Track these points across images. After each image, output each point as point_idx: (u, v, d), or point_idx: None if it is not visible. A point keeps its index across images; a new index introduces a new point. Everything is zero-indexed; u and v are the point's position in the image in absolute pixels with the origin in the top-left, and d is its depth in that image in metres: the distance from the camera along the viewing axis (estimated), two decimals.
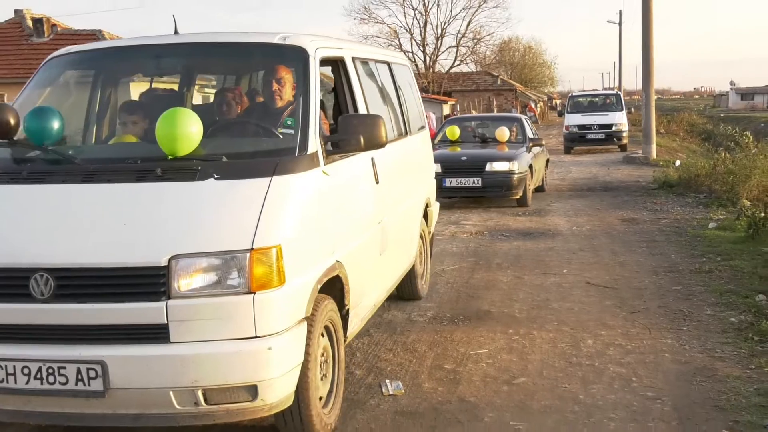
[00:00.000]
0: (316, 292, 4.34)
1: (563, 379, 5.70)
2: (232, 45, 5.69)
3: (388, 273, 6.49)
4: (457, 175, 14.29)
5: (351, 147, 4.91)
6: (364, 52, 6.90)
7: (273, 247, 3.89)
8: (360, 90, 5.99)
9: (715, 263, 9.41)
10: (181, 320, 3.76)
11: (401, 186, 6.94)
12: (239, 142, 5.08)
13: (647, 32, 23.53)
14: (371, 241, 5.74)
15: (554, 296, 8.13)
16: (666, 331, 6.79)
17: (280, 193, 4.16)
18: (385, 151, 5.79)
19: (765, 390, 5.32)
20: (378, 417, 5.08)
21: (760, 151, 16.90)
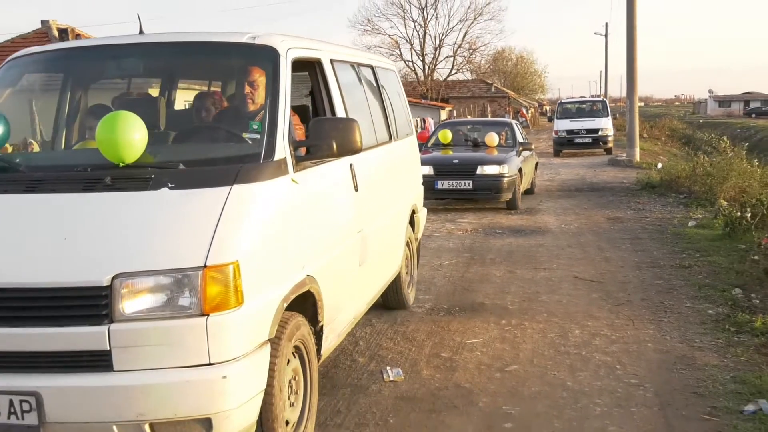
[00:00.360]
0: (283, 311, 3.80)
1: (552, 366, 5.70)
2: (198, 45, 4.96)
3: (369, 284, 5.83)
4: (448, 178, 13.77)
5: (323, 153, 4.33)
6: (345, 55, 6.14)
7: (229, 264, 3.34)
8: (338, 94, 5.33)
9: (695, 259, 9.41)
10: (125, 346, 3.23)
11: (385, 193, 6.33)
12: (200, 149, 4.50)
13: (631, 44, 23.56)
14: (349, 253, 5.12)
15: (544, 289, 8.13)
16: (648, 322, 6.79)
17: (240, 204, 3.63)
18: (367, 157, 5.46)
19: (741, 378, 5.32)
20: (379, 402, 5.08)
21: (736, 154, 16.90)
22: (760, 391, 5.04)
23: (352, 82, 6.07)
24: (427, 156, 14.00)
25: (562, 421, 4.73)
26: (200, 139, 4.71)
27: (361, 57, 6.80)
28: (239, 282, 3.38)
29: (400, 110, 7.63)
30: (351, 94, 5.78)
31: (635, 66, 23.84)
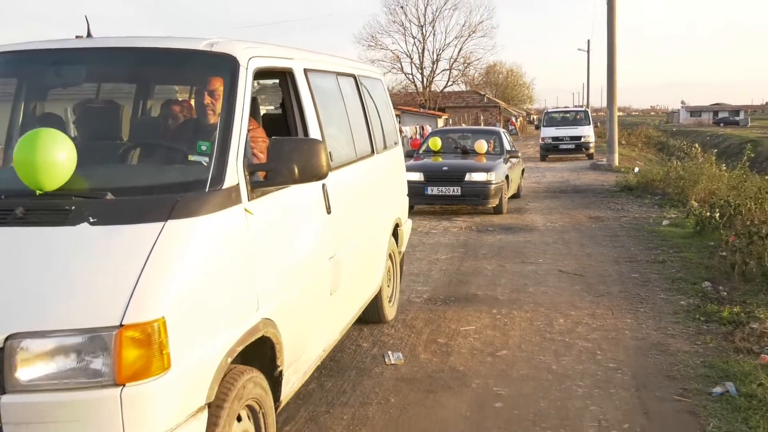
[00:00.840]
0: (227, 366, 2.96)
1: (538, 351, 5.71)
2: (151, 51, 3.89)
3: (344, 311, 4.98)
4: (438, 184, 13.09)
5: (282, 179, 3.42)
6: (323, 64, 5.16)
7: (153, 322, 2.52)
8: (312, 107, 4.42)
9: (668, 255, 9.41)
10: (19, 422, 2.46)
11: (364, 210, 5.47)
12: (138, 173, 3.60)
13: (611, 59, 23.52)
14: (319, 282, 4.23)
15: (531, 282, 8.12)
16: (626, 312, 6.79)
17: (174, 244, 2.78)
18: (344, 174, 4.78)
19: (710, 362, 5.32)
20: (381, 383, 5.09)
21: (705, 160, 16.91)
22: (727, 374, 5.04)
23: (329, 94, 5.21)
24: (417, 162, 13.91)
25: (547, 401, 4.73)
26: (143, 161, 3.74)
27: (342, 66, 5.75)
28: (165, 342, 2.57)
29: (385, 121, 6.77)
30: (327, 106, 4.96)
31: (614, 79, 23.82)
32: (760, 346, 5.60)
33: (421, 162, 13.97)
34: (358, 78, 5.96)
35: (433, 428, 4.34)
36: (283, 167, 3.40)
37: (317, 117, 4.46)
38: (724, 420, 4.36)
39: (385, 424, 4.42)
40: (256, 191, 3.40)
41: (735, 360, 5.31)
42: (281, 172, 3.41)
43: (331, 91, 5.29)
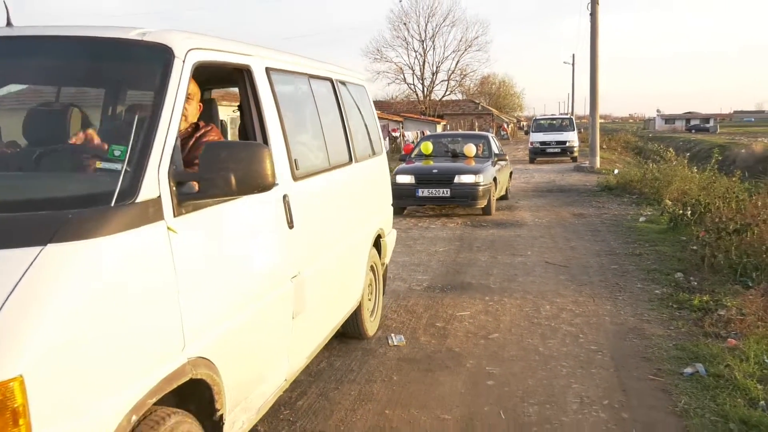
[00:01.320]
0: (130, 428, 2.15)
1: (527, 335, 5.70)
2: (71, 41, 2.99)
3: (311, 335, 4.07)
4: (428, 186, 12.41)
5: (216, 190, 2.60)
6: (290, 64, 4.21)
7: (6, 383, 1.77)
8: (274, 111, 3.60)
9: (644, 248, 9.39)
10: None
11: (341, 222, 4.67)
12: (28, 184, 2.65)
13: (594, 71, 23.48)
14: (276, 307, 3.37)
15: (520, 272, 8.12)
16: (606, 299, 6.79)
17: (50, 276, 1.98)
18: (313, 184, 3.98)
19: (681, 345, 5.32)
20: (385, 362, 5.09)
21: (678, 163, 16.92)
22: (697, 356, 5.04)
23: (298, 97, 4.45)
24: (409, 166, 13.37)
25: (534, 379, 4.73)
26: (42, 169, 2.75)
27: (316, 68, 4.75)
28: (23, 410, 1.80)
29: (368, 129, 5.94)
30: (295, 110, 4.27)
31: (597, 89, 23.79)
32: (727, 331, 5.60)
33: (412, 165, 13.41)
34: (336, 82, 5.10)
35: (432, 403, 4.34)
36: (218, 177, 2.56)
37: (280, 122, 3.64)
38: (694, 397, 4.36)
39: (388, 399, 4.42)
40: (186, 205, 2.56)
41: (704, 343, 5.31)
42: (215, 183, 2.57)
43: (300, 94, 4.48)
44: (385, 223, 6.13)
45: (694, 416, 4.10)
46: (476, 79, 68.43)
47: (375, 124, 6.26)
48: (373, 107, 6.40)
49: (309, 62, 4.63)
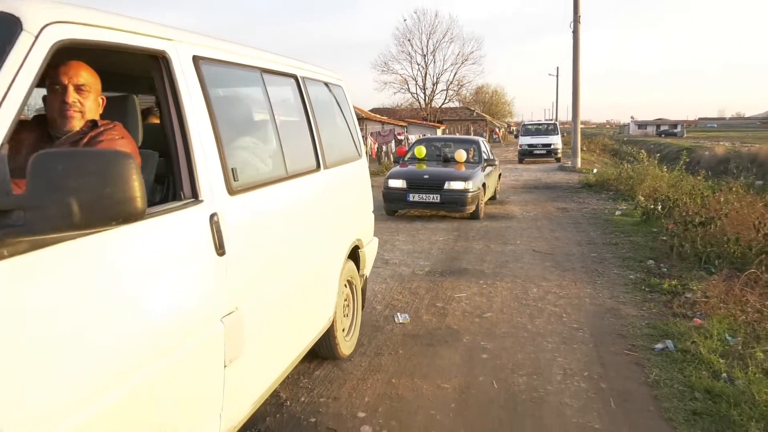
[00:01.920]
0: None
1: (516, 314, 5.69)
2: None
3: (258, 377, 2.99)
4: (419, 191, 11.32)
5: (47, 225, 1.55)
6: (234, 54, 3.03)
7: None
8: (203, 109, 2.55)
9: (620, 238, 9.35)
10: None
11: (302, 239, 3.52)
12: None
13: (575, 82, 23.35)
14: (195, 358, 2.33)
15: (511, 259, 8.09)
16: (586, 283, 6.76)
17: None
18: (262, 196, 2.96)
19: (653, 324, 5.29)
20: (392, 338, 5.08)
21: (650, 163, 16.85)
22: (666, 334, 5.01)
23: (244, 94, 3.48)
24: (402, 170, 12.23)
25: (523, 353, 4.71)
26: None
27: (274, 62, 3.56)
28: None
29: (344, 132, 4.89)
30: (239, 110, 3.33)
31: (578, 98, 23.67)
32: (693, 311, 5.57)
33: (405, 170, 12.24)
34: (302, 80, 3.98)
35: (433, 374, 4.34)
36: (50, 203, 1.55)
37: (212, 124, 2.57)
38: (664, 370, 4.34)
39: (395, 370, 4.42)
40: (11, 244, 1.54)
41: (673, 323, 5.28)
42: (45, 213, 1.55)
43: (248, 91, 3.47)
44: (363, 232, 4.99)
45: (663, 386, 4.08)
46: (472, 89, 68.20)
47: (353, 127, 5.14)
48: (351, 109, 5.20)
49: (263, 55, 3.44)
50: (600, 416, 3.71)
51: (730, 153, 29.04)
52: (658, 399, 3.92)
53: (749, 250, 6.99)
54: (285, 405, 3.86)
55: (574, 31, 22.90)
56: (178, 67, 2.44)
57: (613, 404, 3.86)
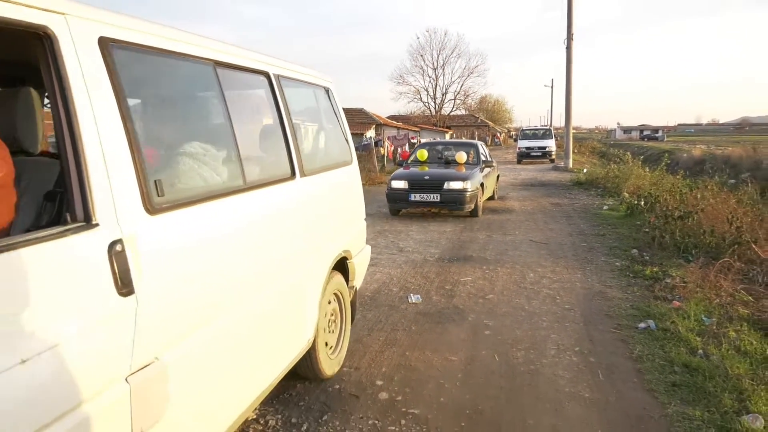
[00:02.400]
0: None
1: (515, 296, 5.64)
2: None
3: None
4: (420, 191, 10.57)
5: None
6: (171, 42, 2.13)
7: None
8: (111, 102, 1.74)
9: (607, 230, 9.24)
10: None
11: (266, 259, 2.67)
12: None
13: (568, 92, 23.09)
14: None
15: (510, 248, 8.03)
16: (577, 270, 6.69)
17: None
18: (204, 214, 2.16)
19: (636, 306, 5.23)
20: (406, 315, 5.08)
21: (634, 164, 16.64)
22: (649, 315, 4.95)
23: (184, 89, 2.50)
24: (404, 172, 11.35)
25: (521, 330, 4.68)
26: None
27: (233, 55, 2.68)
28: None
29: (329, 136, 4.01)
30: (175, 107, 2.41)
31: (570, 106, 23.39)
32: (672, 295, 5.49)
33: (407, 171, 11.40)
34: (275, 78, 3.13)
35: (442, 347, 4.32)
36: None
37: (124, 124, 1.80)
38: (646, 346, 4.29)
39: (408, 344, 4.41)
40: None
41: (655, 304, 5.21)
42: None
43: (192, 87, 2.54)
44: (353, 242, 4.08)
45: (646, 360, 4.03)
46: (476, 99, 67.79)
47: (343, 130, 4.20)
48: (340, 111, 4.22)
49: (217, 46, 2.54)
50: (589, 386, 3.67)
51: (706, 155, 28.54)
52: (641, 372, 3.87)
53: (723, 241, 6.89)
54: None
55: (567, 47, 22.62)
56: (68, 49, 1.65)
57: (601, 376, 3.82)
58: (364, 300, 5.51)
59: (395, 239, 8.68)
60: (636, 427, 3.18)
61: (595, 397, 3.53)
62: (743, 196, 9.40)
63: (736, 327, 4.50)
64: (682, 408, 3.36)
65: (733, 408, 3.31)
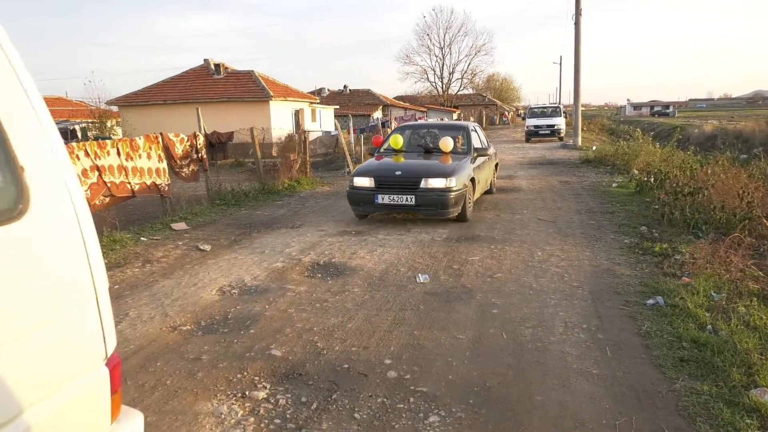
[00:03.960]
0: None
1: (523, 274, 5.64)
2: None
3: None
4: (390, 192, 7.92)
5: None
6: None
7: None
8: None
9: (616, 207, 9.18)
10: None
11: None
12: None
13: (577, 68, 22.78)
14: None
15: (518, 226, 8.00)
16: (585, 247, 6.67)
17: None
18: None
19: (645, 282, 5.21)
20: (414, 295, 5.09)
21: (644, 140, 16.47)
22: (657, 291, 4.93)
23: None
24: (369, 166, 8.62)
25: (529, 308, 4.69)
26: None
27: None
28: None
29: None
30: None
31: (579, 83, 23.12)
32: (681, 271, 5.47)
33: (374, 164, 8.67)
34: None
35: (450, 326, 4.34)
36: None
37: None
38: (654, 322, 4.28)
39: (416, 323, 4.43)
40: None
41: (663, 281, 5.19)
42: None
43: None
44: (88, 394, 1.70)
45: (654, 337, 4.03)
46: (483, 78, 67.21)
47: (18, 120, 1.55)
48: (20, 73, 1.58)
49: None
50: (597, 363, 3.68)
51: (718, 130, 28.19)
52: (649, 348, 3.87)
53: (733, 217, 6.82)
54: (322, 353, 3.91)
55: (576, 23, 22.29)
56: None
57: (609, 352, 3.83)
58: (372, 280, 5.53)
59: (403, 219, 8.67)
60: (644, 402, 3.19)
61: (603, 373, 3.54)
62: (755, 171, 9.28)
63: (746, 302, 4.47)
64: (690, 383, 3.37)
65: (742, 382, 3.31)
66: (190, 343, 4.15)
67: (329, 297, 5.07)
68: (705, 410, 3.09)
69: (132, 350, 4.06)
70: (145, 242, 7.53)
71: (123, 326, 4.51)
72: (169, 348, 4.08)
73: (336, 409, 3.20)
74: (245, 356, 3.89)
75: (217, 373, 3.65)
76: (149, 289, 5.51)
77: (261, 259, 6.49)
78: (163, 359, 3.89)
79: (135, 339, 4.26)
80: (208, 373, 3.66)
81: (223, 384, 3.51)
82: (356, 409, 3.19)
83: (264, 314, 4.68)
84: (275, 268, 6.11)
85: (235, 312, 4.78)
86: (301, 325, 4.43)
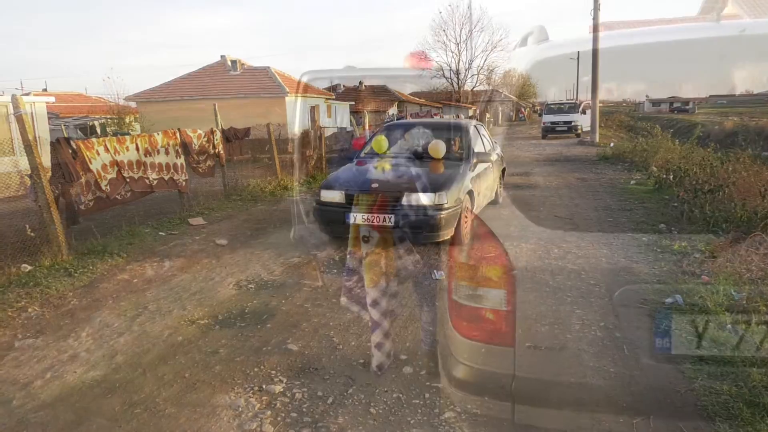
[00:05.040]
0: None
1: (539, 272, 5.61)
2: None
3: None
4: (364, 209, 6.11)
5: None
6: None
7: None
8: None
9: (634, 205, 9.09)
10: None
11: None
12: None
13: (595, 64, 22.55)
14: None
15: (534, 223, 7.96)
16: (603, 245, 6.61)
17: None
18: None
19: (663, 280, 5.16)
20: (429, 291, 5.10)
21: (663, 137, 16.28)
22: (676, 290, 4.88)
23: None
24: (342, 175, 6.88)
25: (545, 306, 4.67)
26: None
27: None
28: None
29: None
30: None
31: (597, 79, 22.91)
32: (701, 270, 5.40)
33: (347, 174, 6.89)
34: None
35: None
36: None
37: None
38: (673, 320, 4.24)
39: (432, 319, 4.43)
40: None
41: (682, 280, 5.14)
42: None
43: None
44: None
45: (673, 335, 3.98)
46: (500, 74, 66.80)
47: None
48: None
49: None
50: (614, 361, 3.66)
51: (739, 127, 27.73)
52: (667, 346, 3.83)
53: (755, 215, 6.72)
54: (338, 348, 3.93)
55: (594, 17, 22.06)
56: None
57: (626, 351, 3.80)
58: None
59: None
60: (662, 401, 3.17)
61: (621, 371, 3.52)
62: None
63: (767, 302, 4.41)
64: (710, 382, 3.33)
65: (762, 383, 3.26)
66: (208, 337, 4.20)
67: None
68: (725, 410, 3.06)
69: (151, 343, 4.11)
70: (163, 237, 7.62)
71: (142, 319, 4.58)
72: (188, 341, 4.13)
73: (352, 404, 3.22)
74: (262, 350, 3.93)
75: (235, 367, 3.69)
76: (167, 283, 5.57)
77: (277, 254, 6.53)
78: (181, 352, 3.94)
79: (154, 332, 4.32)
80: (226, 367, 3.70)
81: (240, 377, 3.55)
82: (372, 404, 3.21)
83: (280, 309, 4.72)
84: (292, 263, 6.15)
85: (251, 306, 4.82)
86: (318, 320, 4.46)
